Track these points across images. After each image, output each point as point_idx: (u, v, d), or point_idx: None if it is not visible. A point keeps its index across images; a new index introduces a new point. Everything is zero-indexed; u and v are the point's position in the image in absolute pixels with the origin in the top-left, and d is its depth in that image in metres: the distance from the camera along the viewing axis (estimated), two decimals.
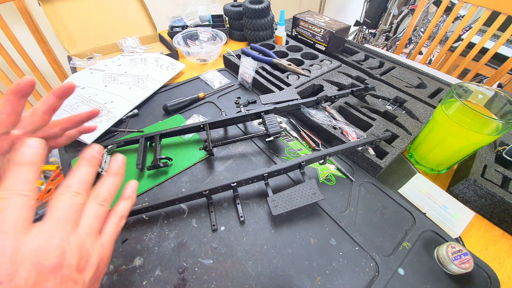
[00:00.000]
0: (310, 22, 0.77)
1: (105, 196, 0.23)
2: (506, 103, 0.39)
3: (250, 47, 0.79)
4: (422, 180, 0.45)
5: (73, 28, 0.81)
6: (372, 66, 0.72)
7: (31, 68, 0.97)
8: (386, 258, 0.36)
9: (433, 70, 0.80)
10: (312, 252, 0.36)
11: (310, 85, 0.63)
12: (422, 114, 0.54)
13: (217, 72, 0.73)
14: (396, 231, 0.39)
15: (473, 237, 0.40)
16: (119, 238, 0.37)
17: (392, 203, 0.42)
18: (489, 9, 0.87)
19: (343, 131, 0.50)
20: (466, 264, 0.33)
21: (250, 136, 0.49)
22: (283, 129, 0.54)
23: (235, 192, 0.41)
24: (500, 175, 0.41)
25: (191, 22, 0.94)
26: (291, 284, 0.33)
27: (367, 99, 0.58)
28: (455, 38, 1.00)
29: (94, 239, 0.21)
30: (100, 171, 0.42)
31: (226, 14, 0.89)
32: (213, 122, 0.49)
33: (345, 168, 0.47)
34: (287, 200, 0.38)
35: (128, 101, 0.60)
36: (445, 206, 0.41)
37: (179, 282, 0.33)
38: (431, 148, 0.45)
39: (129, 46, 0.84)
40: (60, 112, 0.55)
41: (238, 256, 0.36)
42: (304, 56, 0.76)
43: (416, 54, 1.12)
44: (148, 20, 0.92)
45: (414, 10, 1.95)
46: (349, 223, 0.40)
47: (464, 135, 0.39)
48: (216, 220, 0.39)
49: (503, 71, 0.91)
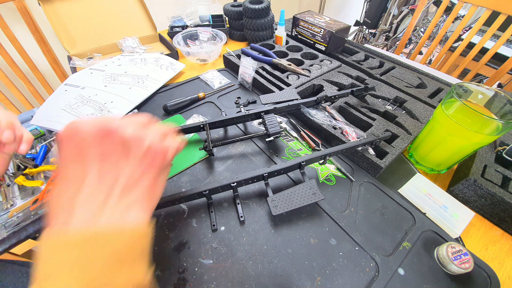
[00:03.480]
0: (310, 22, 0.77)
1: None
2: (506, 103, 0.39)
3: (250, 47, 0.79)
4: (422, 180, 0.45)
5: (73, 28, 0.81)
6: (372, 66, 0.72)
7: (31, 68, 0.97)
8: (386, 258, 0.36)
9: (433, 70, 0.80)
10: (312, 252, 0.36)
11: (310, 85, 0.63)
12: (422, 114, 0.54)
13: (217, 72, 0.73)
14: (396, 231, 0.39)
15: (473, 237, 0.40)
16: None
17: (392, 203, 0.42)
18: (489, 9, 0.87)
19: (343, 131, 0.50)
20: (466, 264, 0.33)
21: (250, 136, 0.49)
22: (283, 129, 0.54)
23: (235, 192, 0.41)
24: (500, 175, 0.41)
25: (191, 22, 0.94)
26: (291, 284, 0.33)
27: (367, 99, 0.58)
28: (455, 38, 1.00)
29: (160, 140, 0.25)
30: None
31: (226, 14, 0.89)
32: (213, 122, 0.49)
33: (345, 168, 0.47)
34: (287, 200, 0.38)
35: (128, 101, 0.60)
36: (445, 206, 0.41)
37: (179, 282, 0.33)
38: (431, 148, 0.45)
39: (129, 46, 0.84)
40: (60, 112, 0.55)
41: (238, 256, 0.36)
42: (304, 56, 0.76)
43: (416, 54, 1.12)
44: (148, 20, 0.92)
45: (414, 10, 1.95)
46: (349, 223, 0.40)
47: (464, 135, 0.39)
48: (216, 220, 0.39)
49: (503, 71, 0.91)
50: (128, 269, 0.19)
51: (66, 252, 0.18)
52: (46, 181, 0.76)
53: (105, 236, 0.19)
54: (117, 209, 0.20)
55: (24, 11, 0.88)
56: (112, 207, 0.20)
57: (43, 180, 0.76)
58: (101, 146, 0.21)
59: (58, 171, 0.21)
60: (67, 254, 0.18)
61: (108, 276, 0.18)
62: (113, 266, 0.18)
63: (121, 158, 0.21)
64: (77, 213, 0.19)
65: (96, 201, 0.20)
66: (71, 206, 0.19)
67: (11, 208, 0.68)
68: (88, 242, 0.18)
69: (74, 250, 0.18)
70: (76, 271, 0.17)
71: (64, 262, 0.17)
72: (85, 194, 0.20)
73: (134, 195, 0.22)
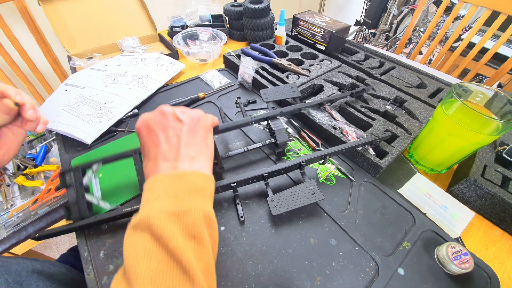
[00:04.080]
0: (310, 22, 0.77)
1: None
2: (506, 103, 0.39)
3: (250, 47, 0.79)
4: (422, 180, 0.45)
5: (73, 28, 0.81)
6: (372, 66, 0.72)
7: (31, 68, 0.97)
8: (386, 258, 0.36)
9: (433, 70, 0.80)
10: (312, 252, 0.36)
11: (310, 85, 0.63)
12: (422, 114, 0.54)
13: (217, 72, 0.73)
14: (396, 231, 0.39)
15: (473, 237, 0.40)
16: (119, 238, 0.37)
17: (392, 203, 0.42)
18: (489, 9, 0.87)
19: (343, 131, 0.50)
20: (466, 264, 0.33)
21: (259, 146, 0.48)
22: (290, 137, 0.54)
23: (235, 192, 0.41)
24: (500, 175, 0.41)
25: (191, 22, 0.94)
26: (291, 284, 0.33)
27: (367, 99, 0.58)
28: (455, 38, 1.00)
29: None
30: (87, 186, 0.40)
31: (226, 14, 0.89)
32: (215, 128, 0.47)
33: (345, 168, 0.47)
34: (287, 200, 0.38)
35: (128, 101, 0.60)
36: (445, 206, 0.41)
37: None
38: (431, 148, 0.45)
39: (129, 46, 0.84)
40: (60, 112, 0.55)
41: (238, 256, 0.36)
42: (304, 56, 0.76)
43: (416, 54, 1.12)
44: (148, 20, 0.92)
45: (414, 10, 1.94)
46: (349, 223, 0.40)
47: (464, 135, 0.39)
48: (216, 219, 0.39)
49: (503, 71, 0.91)
50: (200, 200, 0.26)
51: (163, 184, 0.26)
52: (46, 181, 0.76)
53: (184, 175, 0.27)
54: (185, 161, 0.29)
55: (24, 11, 0.88)
56: (182, 160, 0.28)
57: (43, 180, 0.76)
58: (161, 122, 0.30)
59: (143, 150, 0.31)
60: (163, 185, 0.26)
61: (188, 201, 0.25)
62: (191, 195, 0.26)
63: (177, 125, 0.30)
64: (161, 168, 0.28)
65: (170, 158, 0.28)
66: (156, 166, 0.28)
67: (11, 208, 0.68)
68: (175, 178, 0.27)
69: (168, 183, 0.26)
70: (169, 195, 0.25)
71: (161, 190, 0.26)
72: (162, 156, 0.29)
73: (195, 149, 0.30)
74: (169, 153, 0.29)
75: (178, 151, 0.29)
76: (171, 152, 0.29)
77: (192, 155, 0.29)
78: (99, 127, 0.53)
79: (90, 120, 0.54)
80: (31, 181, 0.73)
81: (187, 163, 0.29)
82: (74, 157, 0.49)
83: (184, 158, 0.29)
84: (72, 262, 0.54)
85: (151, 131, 0.30)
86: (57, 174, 0.79)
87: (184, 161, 0.29)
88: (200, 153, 0.30)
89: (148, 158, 0.30)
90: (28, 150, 0.77)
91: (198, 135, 0.31)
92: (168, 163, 0.28)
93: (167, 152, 0.29)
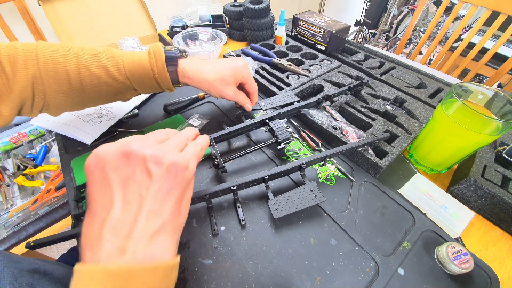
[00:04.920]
0: (310, 22, 0.77)
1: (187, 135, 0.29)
2: (506, 103, 0.39)
3: (250, 47, 0.79)
4: (422, 180, 0.45)
5: (73, 28, 0.81)
6: (372, 66, 0.72)
7: None
8: (386, 258, 0.36)
9: (433, 70, 0.80)
10: (312, 252, 0.36)
11: (310, 85, 0.63)
12: (422, 114, 0.54)
13: None
14: (396, 231, 0.39)
15: (473, 237, 0.40)
16: None
17: (392, 203, 0.42)
18: (489, 9, 0.87)
19: (343, 131, 0.50)
20: (466, 264, 0.33)
21: (261, 146, 0.48)
22: (291, 134, 0.53)
23: (235, 195, 0.41)
24: (500, 175, 0.41)
25: (191, 22, 0.94)
26: (291, 284, 0.33)
27: (367, 99, 0.58)
28: (455, 38, 1.00)
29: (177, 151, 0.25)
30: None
31: (226, 14, 0.89)
32: (217, 137, 0.46)
33: (345, 168, 0.47)
34: (288, 202, 0.38)
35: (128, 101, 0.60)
36: (445, 206, 0.41)
37: (178, 282, 0.33)
38: (431, 148, 0.45)
39: (129, 46, 0.84)
40: (66, 114, 0.55)
41: (238, 256, 0.36)
42: (304, 56, 0.76)
43: (416, 54, 1.12)
44: (148, 20, 0.92)
45: (414, 10, 1.95)
46: (349, 223, 0.40)
47: (464, 135, 0.39)
48: (216, 221, 0.39)
49: (503, 71, 0.91)
50: None
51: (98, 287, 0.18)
52: (46, 181, 0.76)
53: (133, 275, 0.19)
54: (142, 241, 0.21)
55: (24, 11, 0.88)
56: (138, 239, 0.20)
57: (43, 180, 0.77)
58: (123, 170, 0.22)
59: (88, 200, 0.22)
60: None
61: None
62: None
63: (144, 180, 0.22)
64: (104, 247, 0.20)
65: (121, 233, 0.20)
66: (99, 240, 0.20)
67: (11, 208, 0.68)
68: (119, 278, 0.19)
69: (105, 285, 0.18)
70: None
71: None
72: (111, 226, 0.20)
73: (160, 221, 0.22)
74: (122, 224, 0.20)
75: (135, 223, 0.21)
76: (124, 223, 0.21)
77: (154, 231, 0.21)
78: (99, 127, 0.53)
79: (90, 120, 0.54)
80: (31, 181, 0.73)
81: (143, 246, 0.20)
82: (74, 157, 0.49)
83: (140, 237, 0.21)
84: (72, 262, 0.54)
85: (106, 180, 0.21)
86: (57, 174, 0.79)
87: (139, 242, 0.20)
88: (165, 227, 0.22)
89: (91, 217, 0.21)
90: (28, 150, 0.77)
91: (170, 198, 0.23)
92: (116, 241, 0.20)
93: (119, 221, 0.20)
